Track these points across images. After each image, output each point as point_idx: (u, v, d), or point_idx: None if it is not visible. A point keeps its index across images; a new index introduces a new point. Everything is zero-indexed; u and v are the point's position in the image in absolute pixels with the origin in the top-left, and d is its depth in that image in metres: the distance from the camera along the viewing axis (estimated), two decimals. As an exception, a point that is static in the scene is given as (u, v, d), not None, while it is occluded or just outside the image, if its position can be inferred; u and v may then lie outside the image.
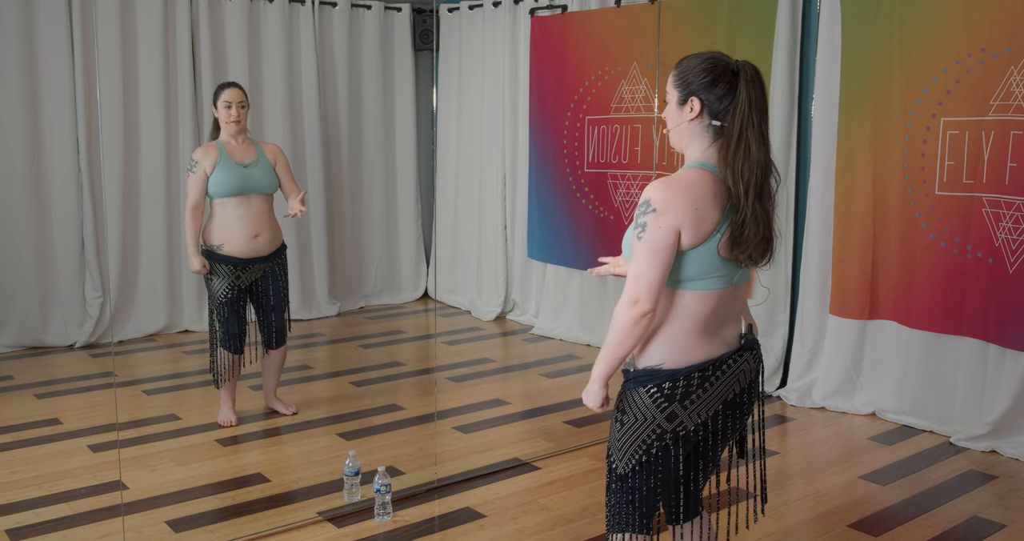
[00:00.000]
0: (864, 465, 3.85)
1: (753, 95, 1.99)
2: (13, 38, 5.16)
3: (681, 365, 2.03)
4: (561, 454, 3.95)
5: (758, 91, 2.00)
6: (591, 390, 2.11)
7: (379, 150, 6.51)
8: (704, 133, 2.04)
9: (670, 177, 2.01)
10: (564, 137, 5.85)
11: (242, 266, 4.05)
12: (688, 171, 2.03)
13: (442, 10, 6.69)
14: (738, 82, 1.99)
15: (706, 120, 2.03)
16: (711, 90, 2.01)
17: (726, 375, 2.07)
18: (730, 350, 2.08)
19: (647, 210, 1.97)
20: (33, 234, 5.34)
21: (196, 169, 3.99)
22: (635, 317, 1.96)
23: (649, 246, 1.96)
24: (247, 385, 4.55)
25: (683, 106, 2.05)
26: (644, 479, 2.10)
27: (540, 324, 6.13)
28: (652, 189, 1.98)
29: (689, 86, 2.04)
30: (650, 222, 1.96)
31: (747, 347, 2.11)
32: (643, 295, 1.96)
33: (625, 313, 1.97)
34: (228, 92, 4.01)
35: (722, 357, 2.06)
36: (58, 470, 3.69)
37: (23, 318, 5.36)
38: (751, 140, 1.97)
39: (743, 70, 2.00)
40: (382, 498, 3.29)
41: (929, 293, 4.18)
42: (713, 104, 2.01)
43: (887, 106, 4.27)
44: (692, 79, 2.03)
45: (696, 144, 2.06)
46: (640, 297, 1.96)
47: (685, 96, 2.04)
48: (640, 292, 1.96)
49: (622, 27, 5.42)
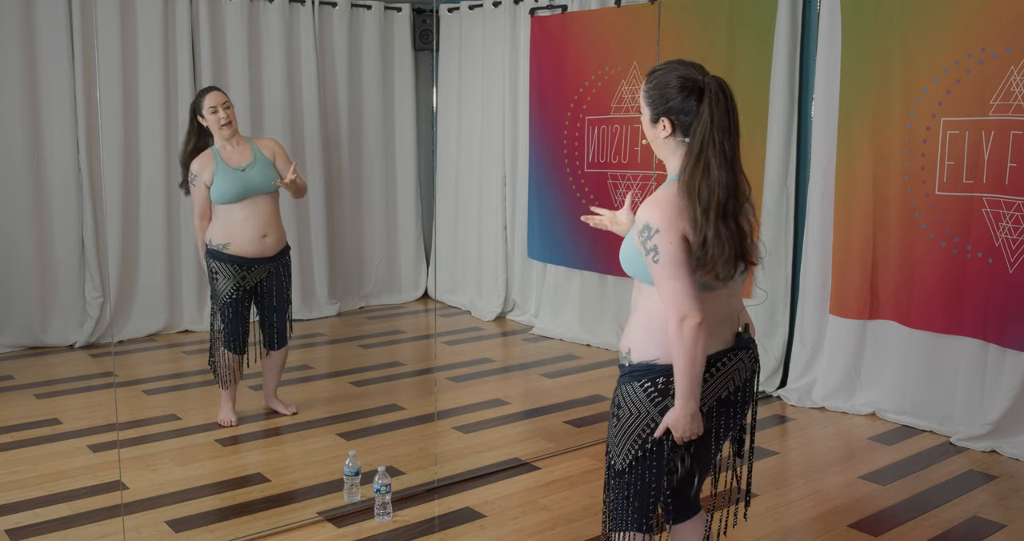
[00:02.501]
0: (864, 465, 3.85)
1: (716, 113, 1.96)
2: (13, 38, 5.16)
3: None
4: (561, 454, 3.95)
5: (722, 109, 1.96)
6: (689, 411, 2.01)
7: (379, 150, 6.51)
8: (678, 148, 2.05)
9: (655, 197, 2.02)
10: (564, 137, 5.85)
11: (248, 266, 4.05)
12: (670, 186, 2.04)
13: (442, 10, 6.69)
14: (703, 98, 1.98)
15: (679, 137, 2.04)
16: (681, 109, 2.00)
17: (720, 372, 2.08)
18: (724, 348, 2.09)
19: (651, 234, 1.98)
20: (33, 234, 5.34)
21: (196, 182, 4.00)
22: (691, 331, 1.96)
23: (670, 262, 1.96)
24: (247, 385, 4.55)
25: (655, 124, 2.06)
26: (640, 474, 2.11)
27: (540, 324, 6.13)
28: (647, 212, 1.99)
29: (658, 106, 2.04)
30: (659, 243, 1.97)
31: (742, 346, 2.13)
32: (687, 309, 1.96)
33: (682, 332, 1.97)
34: (210, 96, 3.95)
35: (716, 355, 2.07)
36: (58, 470, 3.69)
37: (23, 318, 5.36)
38: (711, 159, 1.95)
39: (708, 87, 1.97)
40: (382, 498, 3.29)
41: (929, 293, 4.18)
42: (684, 122, 2.01)
43: (887, 106, 4.27)
44: (661, 97, 2.03)
45: (673, 159, 2.08)
46: (685, 312, 1.96)
47: (656, 115, 2.04)
48: (683, 307, 1.96)
49: (622, 27, 5.42)
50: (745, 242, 2.02)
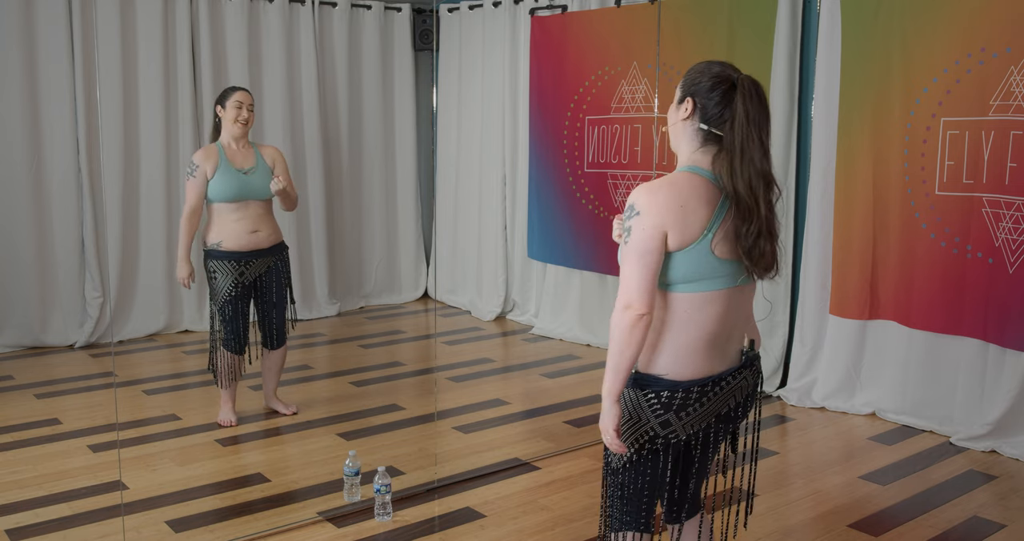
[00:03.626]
0: (864, 465, 3.85)
1: (751, 109, 1.98)
2: (13, 38, 5.16)
3: (683, 378, 2.04)
4: (561, 454, 3.95)
5: (755, 105, 1.99)
6: (604, 409, 2.04)
7: (379, 150, 6.51)
8: (695, 136, 2.06)
9: (654, 182, 2.03)
10: (564, 137, 5.85)
11: (244, 261, 4.05)
12: (674, 174, 2.05)
13: (442, 10, 6.69)
14: (735, 94, 1.99)
15: (696, 122, 2.04)
16: (708, 95, 2.02)
17: (723, 391, 2.08)
18: (731, 368, 2.10)
19: (632, 214, 1.98)
20: (33, 234, 5.34)
21: (196, 173, 3.99)
22: (631, 321, 1.95)
23: (635, 248, 1.96)
24: (247, 385, 4.55)
25: (680, 105, 2.08)
26: (633, 477, 2.12)
27: (540, 324, 6.13)
28: (636, 193, 2.00)
29: (688, 87, 2.06)
30: (635, 225, 1.97)
31: (747, 364, 2.13)
32: (635, 298, 1.95)
33: (620, 319, 1.96)
34: (240, 94, 4.05)
35: (722, 374, 2.07)
36: (58, 470, 3.69)
37: (23, 318, 5.36)
38: (754, 153, 1.98)
39: (741, 83, 2.00)
40: (382, 498, 3.29)
41: (929, 293, 4.18)
42: (707, 108, 2.02)
43: (887, 106, 4.27)
44: (694, 81, 2.06)
45: (685, 145, 2.08)
46: (632, 301, 1.95)
47: (683, 96, 2.07)
48: (631, 295, 1.95)
49: (622, 27, 5.43)
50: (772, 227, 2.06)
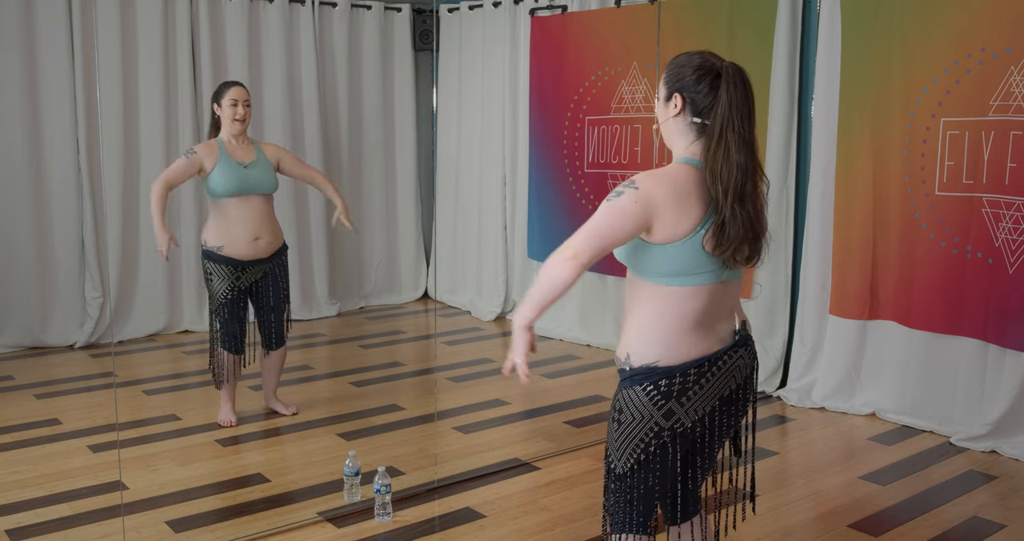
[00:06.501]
0: (864, 465, 3.85)
1: (734, 97, 1.99)
2: (13, 38, 5.16)
3: (677, 362, 2.03)
4: (561, 454, 3.95)
5: (740, 93, 2.00)
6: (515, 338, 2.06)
7: (379, 150, 6.51)
8: (688, 130, 2.06)
9: (657, 170, 2.03)
10: (564, 137, 5.85)
11: (242, 267, 4.05)
12: (673, 166, 2.06)
13: (442, 10, 6.69)
14: (720, 83, 2.00)
15: (688, 117, 2.05)
16: (694, 88, 2.03)
17: (721, 371, 2.07)
18: (725, 346, 2.09)
19: (630, 184, 1.98)
20: (33, 234, 5.34)
21: (191, 157, 3.94)
22: (569, 264, 1.94)
23: (615, 207, 1.96)
24: (247, 385, 4.55)
25: (668, 102, 2.08)
26: (642, 478, 2.10)
27: (540, 324, 6.11)
28: (640, 175, 2.00)
29: (674, 83, 2.06)
30: (627, 193, 1.96)
31: (741, 343, 2.12)
32: (582, 248, 1.94)
33: (562, 260, 1.95)
34: (235, 90, 4.02)
35: (717, 353, 2.07)
36: (58, 470, 3.69)
37: (23, 318, 5.36)
38: (730, 142, 1.98)
39: (725, 71, 2.01)
40: (382, 498, 3.29)
41: (929, 293, 4.18)
42: (696, 101, 2.03)
43: (887, 106, 4.27)
44: (677, 76, 2.06)
45: (680, 140, 2.08)
46: (580, 250, 1.94)
47: (670, 93, 2.07)
48: (579, 244, 1.95)
49: (622, 27, 5.43)
50: (760, 224, 2.04)
